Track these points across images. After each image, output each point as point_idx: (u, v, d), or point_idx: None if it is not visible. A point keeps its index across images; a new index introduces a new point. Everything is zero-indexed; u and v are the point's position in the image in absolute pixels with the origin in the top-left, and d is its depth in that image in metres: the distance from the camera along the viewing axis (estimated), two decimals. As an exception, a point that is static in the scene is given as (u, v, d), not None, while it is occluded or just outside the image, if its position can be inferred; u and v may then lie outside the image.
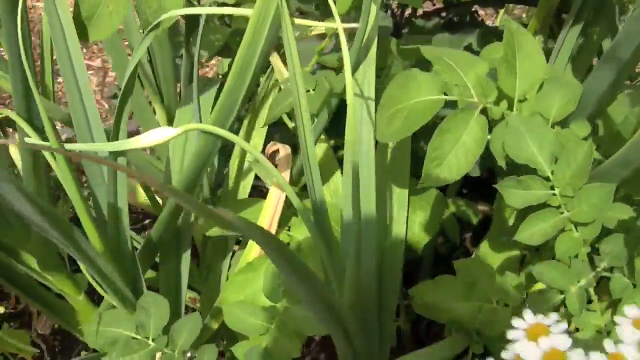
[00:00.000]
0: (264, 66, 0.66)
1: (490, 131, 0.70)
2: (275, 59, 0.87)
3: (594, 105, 0.73)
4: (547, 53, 0.94)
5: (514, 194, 0.68)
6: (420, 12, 1.28)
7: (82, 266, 0.83)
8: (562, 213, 0.67)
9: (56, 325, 1.23)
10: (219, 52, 0.92)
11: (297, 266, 0.56)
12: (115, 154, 0.73)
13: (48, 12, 0.72)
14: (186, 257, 0.88)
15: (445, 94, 0.70)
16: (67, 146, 0.73)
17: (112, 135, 0.72)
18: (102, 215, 0.79)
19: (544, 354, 0.51)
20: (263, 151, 0.92)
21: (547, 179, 0.67)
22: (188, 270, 0.88)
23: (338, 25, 0.62)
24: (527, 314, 0.54)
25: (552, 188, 0.67)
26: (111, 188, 0.75)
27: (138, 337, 0.74)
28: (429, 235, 0.89)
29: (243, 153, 0.94)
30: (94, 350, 1.19)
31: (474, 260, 0.85)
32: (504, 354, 0.53)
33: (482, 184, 1.18)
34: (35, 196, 0.66)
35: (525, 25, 1.27)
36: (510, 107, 0.71)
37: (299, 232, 0.85)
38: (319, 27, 0.91)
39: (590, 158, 0.65)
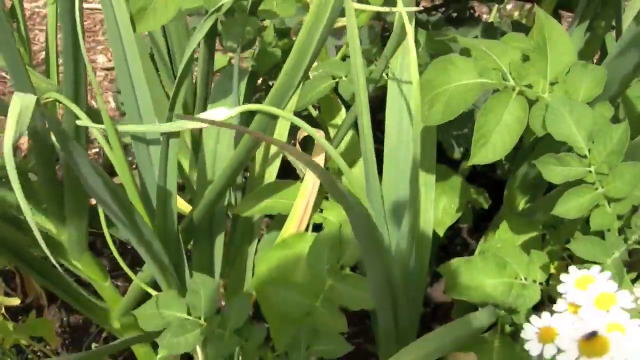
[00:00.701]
0: (319, 50, 0.70)
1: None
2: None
3: (617, 87, 0.79)
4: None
5: (553, 170, 0.73)
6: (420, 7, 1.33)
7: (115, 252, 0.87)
8: (596, 189, 0.73)
9: (64, 318, 1.25)
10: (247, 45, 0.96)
11: (373, 233, 0.61)
12: (167, 138, 0.77)
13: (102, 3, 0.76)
14: (219, 241, 0.91)
15: (484, 78, 0.76)
16: (123, 127, 0.77)
17: (167, 117, 0.76)
18: (149, 198, 0.82)
19: (594, 299, 0.57)
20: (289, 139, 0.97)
21: (584, 157, 0.73)
22: (221, 253, 0.92)
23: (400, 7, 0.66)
24: (573, 269, 0.60)
25: (589, 165, 0.73)
26: (162, 170, 0.78)
27: (190, 317, 0.78)
28: (452, 219, 0.94)
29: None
30: (104, 341, 1.23)
31: (500, 241, 0.90)
32: (558, 305, 0.59)
33: (479, 176, 1.24)
34: (103, 171, 0.70)
35: (519, 23, 1.34)
36: (542, 90, 0.76)
37: (332, 214, 0.90)
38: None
39: (626, 139, 0.71)
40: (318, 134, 0.91)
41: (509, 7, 1.59)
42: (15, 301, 1.13)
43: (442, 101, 0.75)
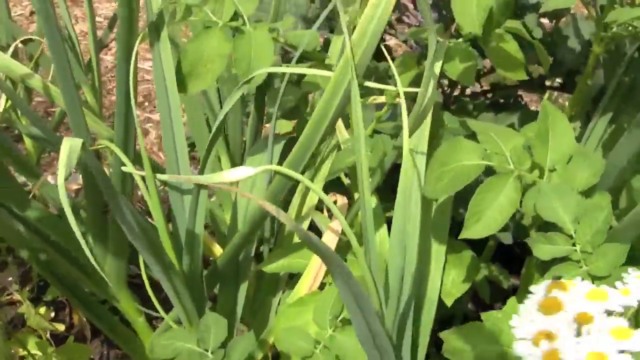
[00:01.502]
0: (334, 124, 0.80)
1: (523, 195, 0.83)
2: (338, 123, 1.02)
3: (615, 178, 0.86)
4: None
5: (542, 248, 0.80)
6: (468, 91, 1.42)
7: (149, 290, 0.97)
8: (581, 267, 0.79)
9: (105, 352, 1.36)
10: (289, 112, 1.07)
11: (359, 295, 0.69)
12: (199, 188, 0.87)
13: (155, 67, 0.88)
14: (243, 288, 1.01)
15: (486, 160, 0.84)
16: (159, 176, 0.88)
17: (200, 171, 0.86)
18: (179, 241, 0.92)
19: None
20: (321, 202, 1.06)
21: (570, 236, 0.80)
22: (244, 300, 1.01)
23: (400, 91, 0.76)
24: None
25: (574, 245, 0.80)
26: (192, 216, 0.89)
27: (198, 349, 0.87)
28: (460, 292, 1.01)
29: (302, 203, 1.08)
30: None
31: (500, 312, 0.96)
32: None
33: (513, 259, 1.30)
34: (138, 216, 0.80)
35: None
36: (541, 175, 0.84)
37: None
38: (378, 98, 1.07)
39: (608, 221, 0.78)
40: (341, 199, 1.01)
41: (560, 99, 1.65)
42: (60, 327, 1.25)
43: (447, 177, 0.83)
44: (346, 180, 1.11)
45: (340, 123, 1.02)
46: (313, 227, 1.07)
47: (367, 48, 0.77)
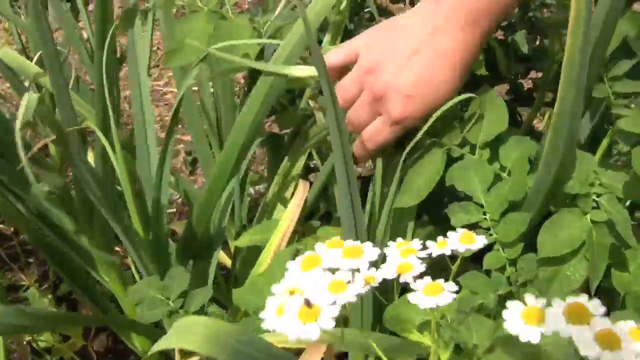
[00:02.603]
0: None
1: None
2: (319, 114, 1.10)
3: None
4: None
5: (458, 217, 0.85)
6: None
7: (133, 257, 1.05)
8: (491, 235, 0.84)
9: (110, 345, 1.44)
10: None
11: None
12: (163, 159, 0.97)
13: (129, 50, 0.99)
14: (215, 259, 1.08)
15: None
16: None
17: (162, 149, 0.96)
18: (146, 211, 1.01)
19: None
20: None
21: (482, 205, 0.85)
22: (214, 272, 1.09)
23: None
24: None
25: (485, 214, 0.85)
26: (157, 185, 0.98)
27: (161, 297, 0.95)
28: None
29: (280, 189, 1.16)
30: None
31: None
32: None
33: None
34: (104, 182, 0.90)
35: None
36: (472, 151, 0.89)
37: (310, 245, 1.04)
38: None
39: (513, 191, 0.83)
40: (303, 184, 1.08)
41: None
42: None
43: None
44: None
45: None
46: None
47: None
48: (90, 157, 1.14)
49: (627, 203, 0.82)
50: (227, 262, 1.33)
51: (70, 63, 1.36)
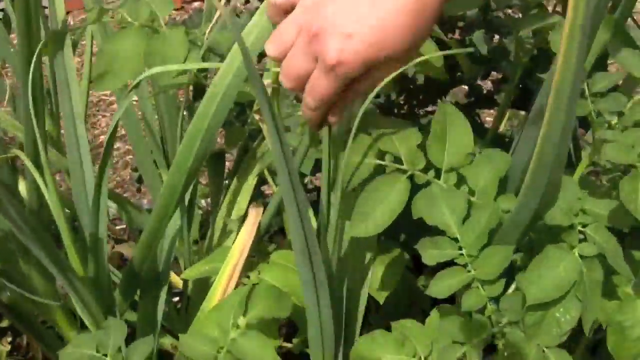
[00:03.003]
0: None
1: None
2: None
3: (518, 181, 0.82)
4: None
5: (429, 253, 0.76)
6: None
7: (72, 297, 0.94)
8: (469, 272, 0.75)
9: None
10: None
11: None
12: (99, 190, 0.85)
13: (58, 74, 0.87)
14: (164, 293, 0.98)
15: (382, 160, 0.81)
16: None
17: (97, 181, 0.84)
18: (85, 246, 0.90)
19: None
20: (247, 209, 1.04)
21: (456, 240, 0.76)
22: (163, 308, 0.98)
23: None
24: None
25: (460, 249, 0.75)
26: (94, 219, 0.86)
27: (97, 354, 0.84)
28: (388, 290, 0.96)
29: (229, 213, 1.06)
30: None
31: (409, 321, 0.91)
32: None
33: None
34: (32, 220, 0.78)
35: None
36: (437, 176, 0.80)
37: (268, 275, 0.94)
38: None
39: (491, 223, 0.74)
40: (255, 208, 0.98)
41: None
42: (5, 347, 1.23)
43: (351, 173, 0.80)
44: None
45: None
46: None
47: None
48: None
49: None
50: (179, 283, 1.22)
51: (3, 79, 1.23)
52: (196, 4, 2.71)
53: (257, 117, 0.98)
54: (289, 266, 0.94)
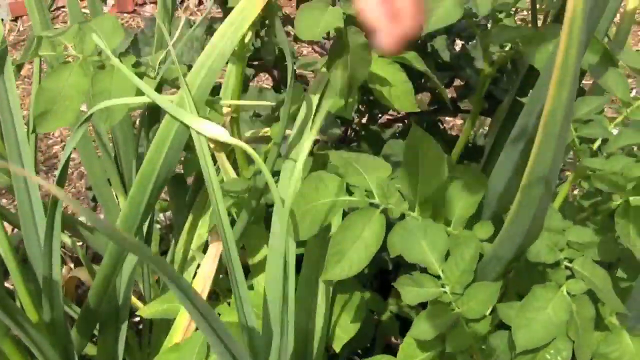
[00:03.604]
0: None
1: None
2: (221, 157, 0.91)
3: (497, 202, 0.76)
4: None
5: (410, 291, 0.69)
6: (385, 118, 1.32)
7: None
8: (453, 309, 0.69)
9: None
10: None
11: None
12: (51, 232, 0.77)
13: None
14: (123, 331, 0.90)
15: (350, 195, 0.74)
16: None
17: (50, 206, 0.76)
18: (39, 288, 0.82)
19: None
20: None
21: (439, 277, 0.70)
22: (124, 344, 0.90)
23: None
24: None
25: (443, 286, 0.69)
26: (47, 262, 0.78)
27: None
28: (350, 335, 0.89)
29: (188, 241, 0.98)
30: None
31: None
32: None
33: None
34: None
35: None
36: (411, 208, 0.74)
37: (228, 318, 0.87)
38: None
39: (475, 258, 0.68)
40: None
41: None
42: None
43: (309, 216, 0.73)
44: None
45: (225, 160, 0.92)
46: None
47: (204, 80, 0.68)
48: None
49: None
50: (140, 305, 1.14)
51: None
52: (149, 7, 2.60)
53: (211, 145, 0.90)
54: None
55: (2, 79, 0.79)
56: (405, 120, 1.30)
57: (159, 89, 0.80)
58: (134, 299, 1.09)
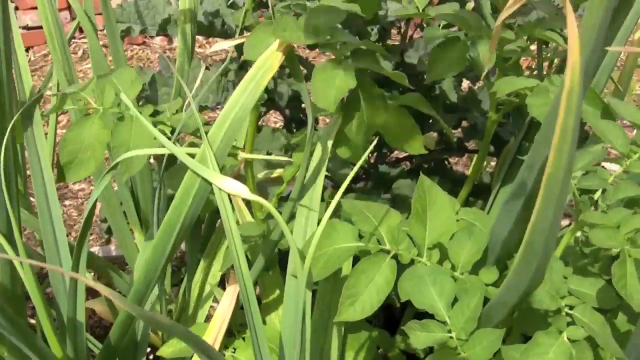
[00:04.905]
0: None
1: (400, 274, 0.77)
2: (238, 200, 0.96)
3: (501, 248, 0.80)
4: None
5: (418, 336, 0.74)
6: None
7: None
8: (459, 354, 0.73)
9: None
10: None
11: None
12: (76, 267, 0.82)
13: (30, 153, 0.83)
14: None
15: (362, 242, 0.79)
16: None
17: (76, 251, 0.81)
18: (63, 325, 0.87)
19: None
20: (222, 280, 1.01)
21: (445, 323, 0.74)
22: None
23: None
24: None
25: (450, 332, 0.74)
26: (71, 301, 0.83)
27: None
28: None
29: (204, 280, 1.03)
30: None
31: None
32: None
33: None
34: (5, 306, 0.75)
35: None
36: (420, 254, 0.79)
37: (243, 355, 0.92)
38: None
39: (480, 305, 0.73)
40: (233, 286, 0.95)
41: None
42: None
43: (322, 260, 0.78)
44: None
45: (241, 202, 0.97)
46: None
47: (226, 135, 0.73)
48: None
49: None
50: (158, 342, 1.19)
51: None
52: (157, 39, 2.66)
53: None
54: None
55: (32, 133, 0.83)
56: (413, 159, 1.35)
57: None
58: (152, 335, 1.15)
